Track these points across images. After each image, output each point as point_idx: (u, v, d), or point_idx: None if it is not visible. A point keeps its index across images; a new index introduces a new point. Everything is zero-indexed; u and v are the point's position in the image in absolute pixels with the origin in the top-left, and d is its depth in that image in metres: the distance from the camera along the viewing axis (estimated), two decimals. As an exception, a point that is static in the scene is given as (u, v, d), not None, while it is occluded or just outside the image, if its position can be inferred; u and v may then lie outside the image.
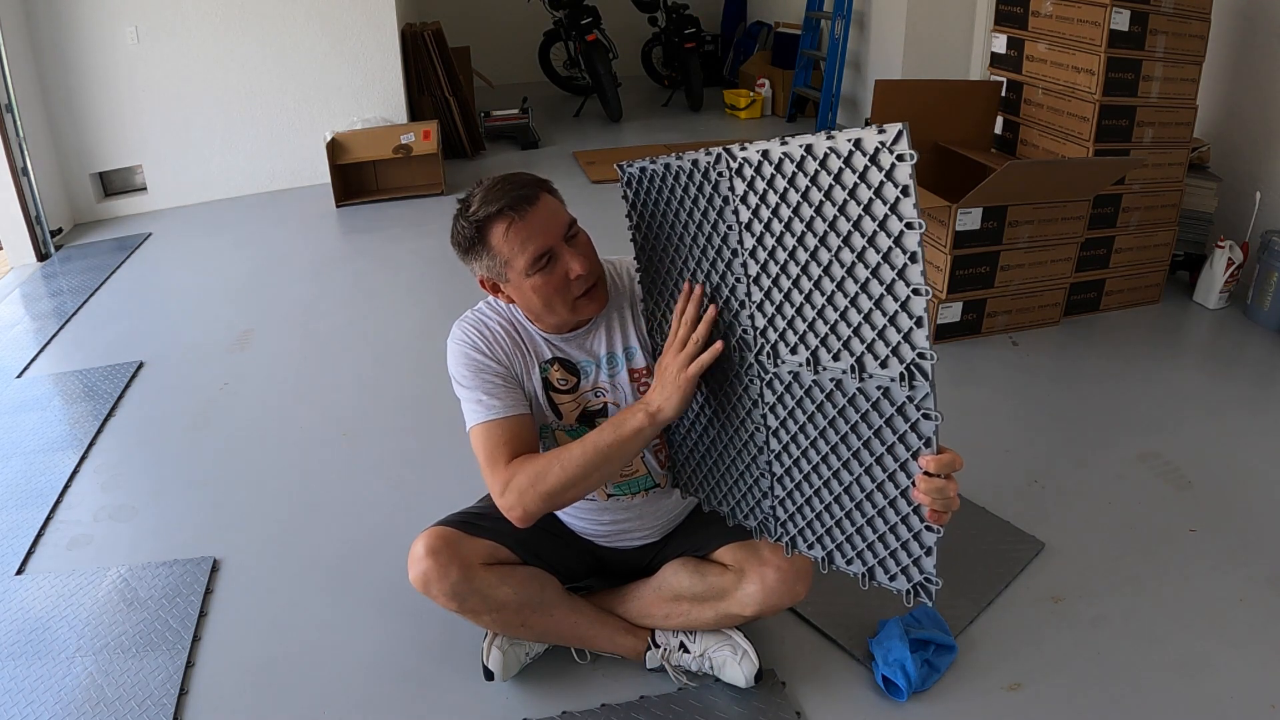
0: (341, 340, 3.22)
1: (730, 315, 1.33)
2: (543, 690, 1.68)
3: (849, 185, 1.10)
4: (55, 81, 4.42)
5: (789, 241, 1.20)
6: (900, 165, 1.04)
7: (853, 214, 1.10)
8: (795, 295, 1.22)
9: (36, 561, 2.12)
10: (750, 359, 1.32)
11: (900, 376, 1.12)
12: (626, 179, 1.45)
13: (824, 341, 1.20)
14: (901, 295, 1.09)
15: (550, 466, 1.39)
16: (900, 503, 1.19)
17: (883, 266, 1.09)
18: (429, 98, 5.17)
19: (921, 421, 1.13)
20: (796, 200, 1.17)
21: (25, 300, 3.75)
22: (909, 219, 1.05)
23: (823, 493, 1.29)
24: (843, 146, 1.09)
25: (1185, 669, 1.68)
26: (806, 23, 5.79)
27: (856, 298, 1.14)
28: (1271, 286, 2.96)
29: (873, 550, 1.26)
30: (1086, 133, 2.95)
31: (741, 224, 1.25)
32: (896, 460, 1.17)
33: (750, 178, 1.22)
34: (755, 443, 1.37)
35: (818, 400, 1.24)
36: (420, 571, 1.53)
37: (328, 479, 2.39)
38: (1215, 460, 2.31)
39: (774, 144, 1.17)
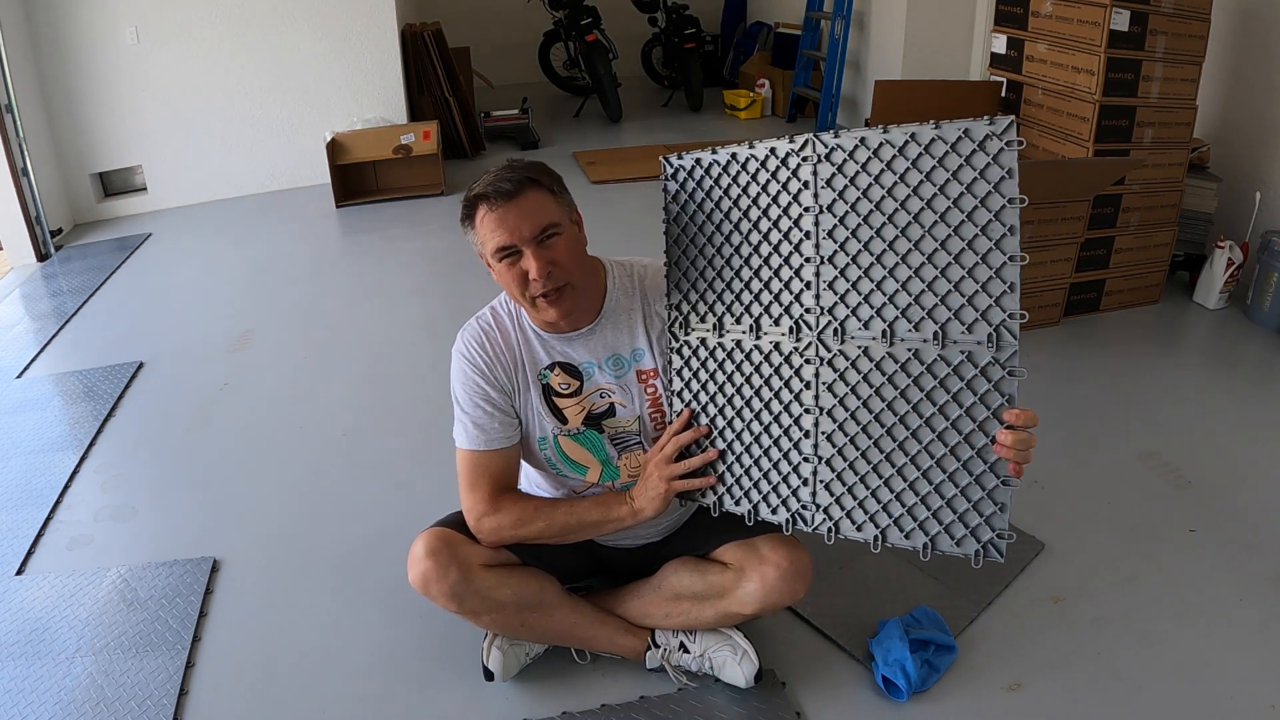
0: (341, 340, 3.22)
1: (790, 298, 1.38)
2: (543, 690, 1.68)
3: (952, 167, 1.21)
4: (55, 81, 4.42)
5: (876, 219, 1.28)
6: (1007, 151, 1.17)
7: (953, 193, 1.21)
8: (877, 270, 1.29)
9: (36, 561, 2.12)
10: (811, 338, 1.36)
11: (988, 338, 1.21)
12: (673, 171, 1.48)
13: (905, 312, 1.28)
14: (996, 263, 1.20)
15: (535, 518, 1.54)
16: (975, 462, 1.25)
17: (979, 238, 1.20)
18: (429, 98, 5.17)
19: (1005, 379, 1.22)
20: (892, 181, 1.26)
21: (25, 300, 3.75)
22: (1012, 195, 1.17)
23: (882, 467, 1.32)
24: (950, 134, 1.20)
25: (1185, 669, 1.68)
26: (806, 23, 5.79)
27: (948, 268, 1.23)
28: (1271, 287, 2.96)
29: (938, 517, 1.29)
30: (1086, 133, 2.95)
31: (823, 205, 1.32)
32: (974, 420, 1.24)
33: (841, 162, 1.30)
34: (801, 426, 1.38)
35: (889, 372, 1.30)
36: (420, 572, 1.53)
37: (328, 479, 2.39)
38: (1215, 460, 2.31)
39: (873, 132, 1.26)
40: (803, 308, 1.37)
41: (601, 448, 1.59)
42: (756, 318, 1.42)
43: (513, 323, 1.57)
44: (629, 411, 1.57)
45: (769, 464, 1.43)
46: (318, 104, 4.90)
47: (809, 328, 1.37)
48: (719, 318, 1.46)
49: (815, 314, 1.36)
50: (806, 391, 1.38)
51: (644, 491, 1.51)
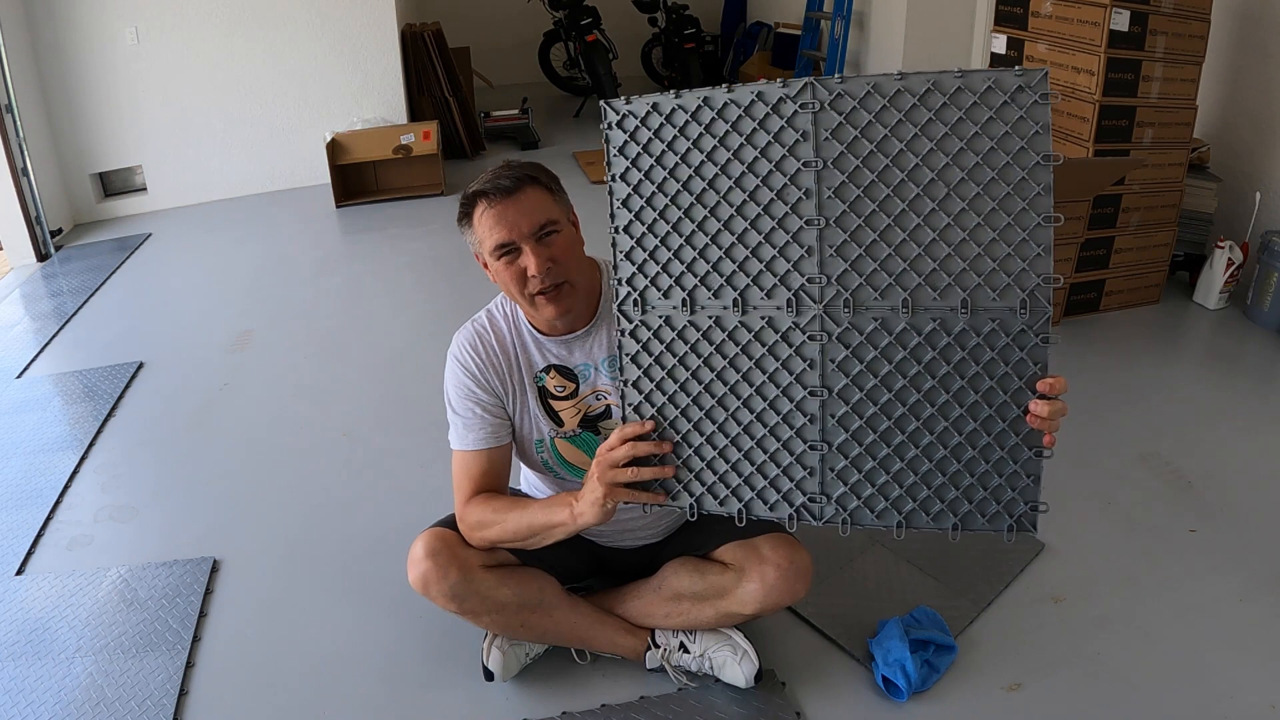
0: (341, 340, 3.22)
1: (786, 266, 1.22)
2: (543, 690, 1.68)
3: (980, 120, 1.12)
4: (55, 82, 4.42)
5: (892, 177, 1.16)
6: (1041, 105, 1.09)
7: (981, 148, 1.12)
8: (894, 234, 1.17)
9: (36, 561, 2.12)
10: (816, 311, 1.22)
11: (1021, 304, 1.15)
12: (620, 117, 1.26)
13: (927, 279, 1.17)
14: (1029, 224, 1.13)
15: (493, 522, 1.51)
16: (1007, 436, 1.20)
17: (1011, 198, 1.13)
18: (429, 98, 5.17)
19: (1038, 346, 1.16)
20: (910, 134, 1.14)
21: (25, 300, 3.75)
22: (1046, 152, 1.10)
23: (904, 448, 1.23)
24: (978, 83, 1.11)
25: (1185, 669, 1.68)
26: (806, 23, 5.79)
27: (976, 230, 1.14)
28: (1271, 287, 2.96)
29: (968, 496, 1.23)
30: (1086, 133, 2.95)
31: (827, 160, 1.18)
32: (1006, 392, 1.18)
33: (848, 110, 1.16)
34: (804, 411, 1.26)
35: (910, 345, 1.20)
36: (420, 573, 1.53)
37: (328, 479, 2.39)
38: (1215, 460, 2.31)
39: (886, 78, 1.14)
40: (803, 277, 1.22)
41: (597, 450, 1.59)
42: (741, 290, 1.25)
43: (509, 325, 1.58)
44: None
45: (763, 455, 1.29)
46: (318, 104, 4.90)
47: (812, 299, 1.22)
48: (689, 292, 1.27)
49: (820, 284, 1.21)
50: (810, 372, 1.24)
51: (585, 495, 1.40)
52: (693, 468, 1.32)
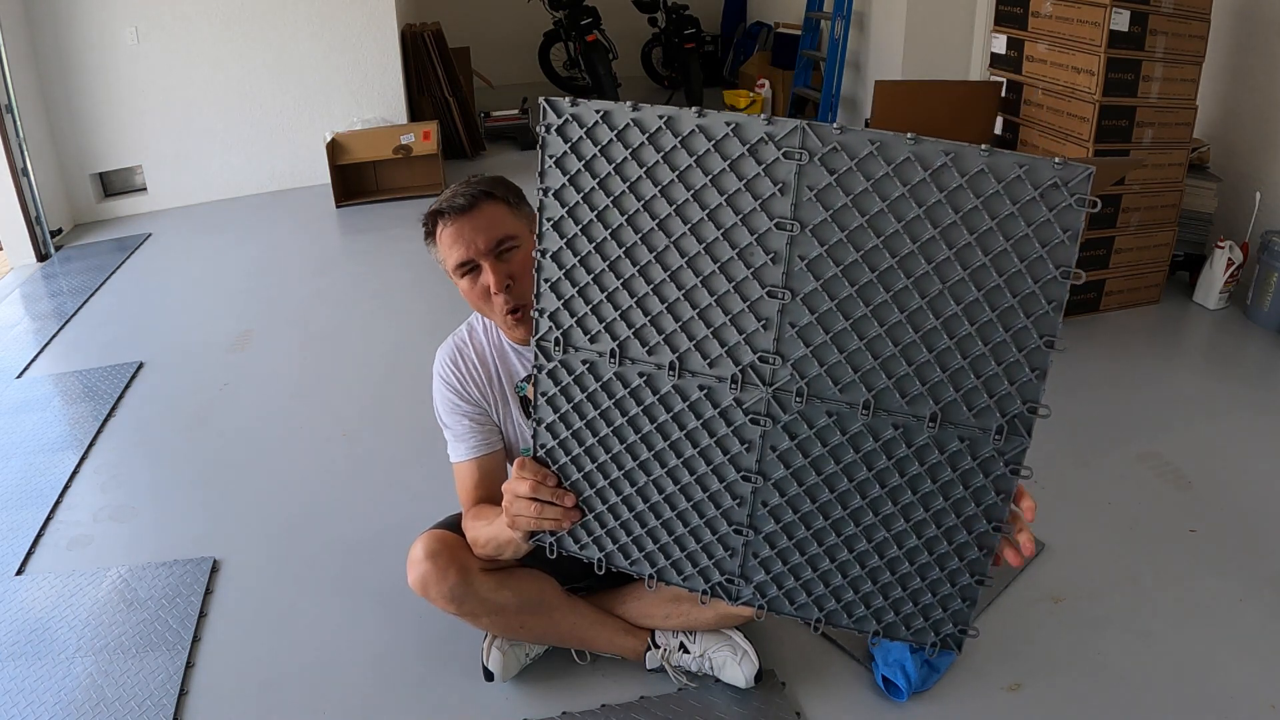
0: (341, 340, 3.22)
1: (736, 337, 1.05)
2: (543, 691, 1.68)
3: (999, 214, 0.93)
4: (55, 82, 4.42)
5: (880, 261, 0.98)
6: (1074, 209, 0.91)
7: (991, 247, 0.94)
8: (869, 325, 1.00)
9: (36, 562, 2.12)
10: (763, 394, 1.07)
11: (998, 429, 1.00)
12: (560, 123, 1.04)
13: (898, 382, 1.02)
14: (1027, 345, 0.96)
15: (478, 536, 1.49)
16: (950, 558, 1.08)
17: (1013, 311, 0.96)
18: (429, 98, 5.17)
19: (1005, 477, 1.02)
20: (911, 214, 0.95)
21: (25, 300, 3.75)
22: (1066, 267, 0.93)
23: (837, 551, 1.12)
24: (1005, 169, 0.92)
25: (1185, 669, 1.68)
26: (806, 23, 5.79)
27: (964, 340, 0.98)
28: (1271, 287, 2.96)
29: (896, 608, 1.13)
30: (1086, 133, 2.95)
31: (806, 224, 0.99)
32: (958, 516, 1.05)
33: (842, 170, 0.96)
34: (734, 493, 1.13)
35: (864, 449, 1.06)
36: (419, 575, 1.53)
37: (328, 479, 2.39)
38: (1215, 460, 2.31)
39: (898, 138, 0.94)
40: (754, 352, 1.05)
41: None
42: (681, 353, 1.08)
43: (488, 337, 1.60)
44: None
45: (682, 528, 1.17)
46: (318, 104, 4.90)
47: (760, 379, 1.06)
48: (619, 342, 1.09)
49: (773, 364, 1.05)
50: (746, 454, 1.10)
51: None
52: (605, 523, 1.20)
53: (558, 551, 1.25)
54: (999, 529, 1.05)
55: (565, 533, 1.22)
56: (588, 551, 1.23)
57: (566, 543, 1.24)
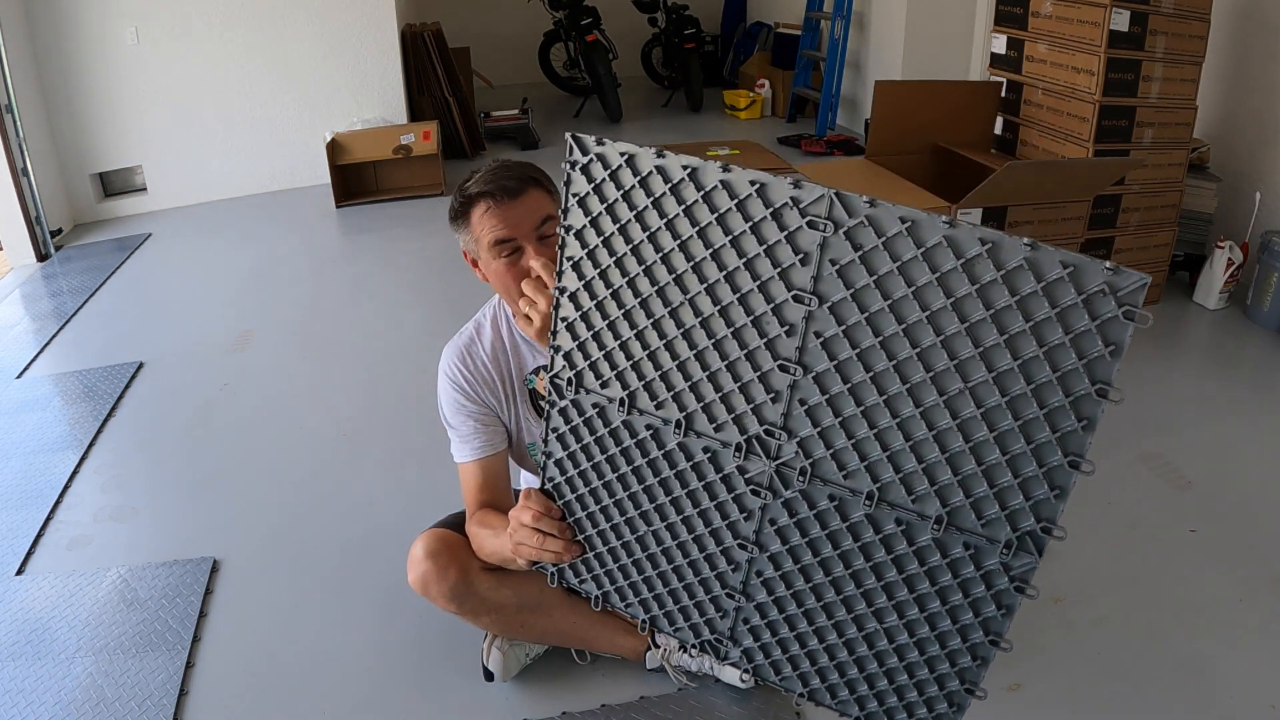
0: (341, 340, 3.22)
1: (745, 405, 1.01)
2: (543, 691, 1.68)
3: (1035, 317, 0.84)
4: (55, 82, 4.42)
5: (900, 348, 0.91)
6: (1119, 321, 0.82)
7: (1022, 350, 0.86)
8: (882, 415, 0.94)
9: (36, 562, 2.12)
10: (765, 467, 1.03)
11: (1007, 544, 0.94)
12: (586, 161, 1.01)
13: (906, 478, 0.96)
14: (1049, 461, 0.89)
15: (484, 545, 1.48)
16: (940, 662, 1.04)
17: (1038, 423, 0.88)
18: (429, 98, 5.17)
19: (1009, 593, 0.96)
20: (939, 304, 0.88)
21: (25, 300, 3.75)
22: (1103, 383, 0.84)
23: (826, 632, 1.08)
24: (1047, 267, 0.83)
25: (1185, 669, 1.68)
26: (806, 23, 5.80)
27: (981, 446, 0.91)
28: (1271, 287, 2.96)
29: (879, 698, 1.10)
30: (1086, 133, 2.95)
31: (825, 299, 0.92)
32: (955, 623, 1.00)
33: (867, 248, 0.89)
34: (730, 558, 1.10)
35: (863, 539, 1.01)
36: (419, 574, 1.53)
37: (327, 479, 2.39)
38: (1215, 460, 2.31)
39: (931, 219, 0.86)
40: (760, 424, 1.01)
41: None
42: (688, 412, 1.04)
43: (497, 330, 1.57)
44: None
45: (677, 583, 1.15)
46: (318, 104, 4.90)
47: (765, 452, 1.02)
48: (630, 392, 1.07)
49: (779, 438, 1.00)
50: (744, 523, 1.07)
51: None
52: (604, 563, 1.19)
53: (558, 581, 1.25)
54: (996, 642, 0.99)
55: (566, 565, 1.22)
56: (586, 587, 1.23)
57: (567, 575, 1.24)
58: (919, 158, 3.26)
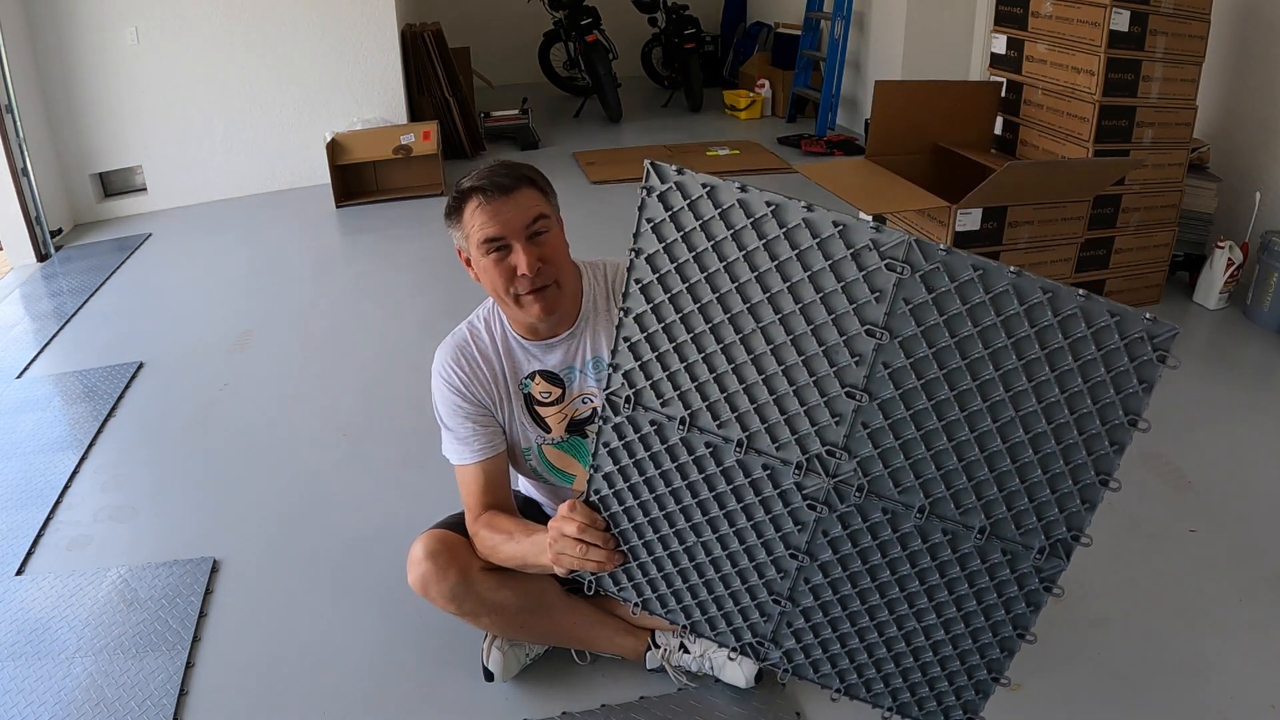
0: (341, 340, 3.22)
1: (807, 427, 1.08)
2: (543, 691, 1.68)
3: (1082, 356, 0.97)
4: (55, 82, 4.42)
5: (961, 381, 1.00)
6: (1152, 363, 0.96)
7: (1069, 385, 0.98)
8: (938, 438, 1.04)
9: (36, 562, 2.12)
10: (824, 484, 1.10)
11: (1040, 549, 1.07)
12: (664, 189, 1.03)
13: (955, 494, 1.06)
14: (1083, 479, 1.03)
15: (498, 549, 1.49)
16: (972, 655, 1.15)
17: (1077, 448, 1.02)
18: (429, 98, 5.17)
19: (1037, 591, 1.09)
20: (1000, 343, 0.98)
21: (25, 300, 3.75)
22: (1135, 415, 0.99)
23: (867, 633, 1.18)
24: (1096, 315, 0.95)
25: (1185, 669, 1.68)
26: (806, 23, 5.80)
27: (1025, 466, 1.03)
28: (1271, 287, 2.96)
29: (914, 691, 1.20)
30: (1086, 133, 2.95)
31: (896, 334, 1.00)
32: (989, 619, 1.12)
33: (940, 290, 0.97)
34: (779, 566, 1.17)
35: (911, 548, 1.11)
36: (419, 574, 1.53)
37: (327, 479, 2.39)
38: (1215, 460, 2.31)
39: (1000, 269, 0.96)
40: (823, 445, 1.08)
41: (587, 454, 1.59)
42: (751, 433, 1.10)
43: (491, 334, 1.56)
44: None
45: (723, 590, 1.21)
46: (318, 104, 4.90)
47: (824, 470, 1.09)
48: (691, 411, 1.11)
49: (839, 457, 1.08)
50: (797, 534, 1.14)
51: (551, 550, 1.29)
52: (647, 572, 1.23)
53: (596, 589, 1.27)
54: (1024, 636, 1.11)
55: (606, 574, 1.25)
56: (626, 594, 1.26)
57: (606, 583, 1.26)
58: (919, 158, 3.26)
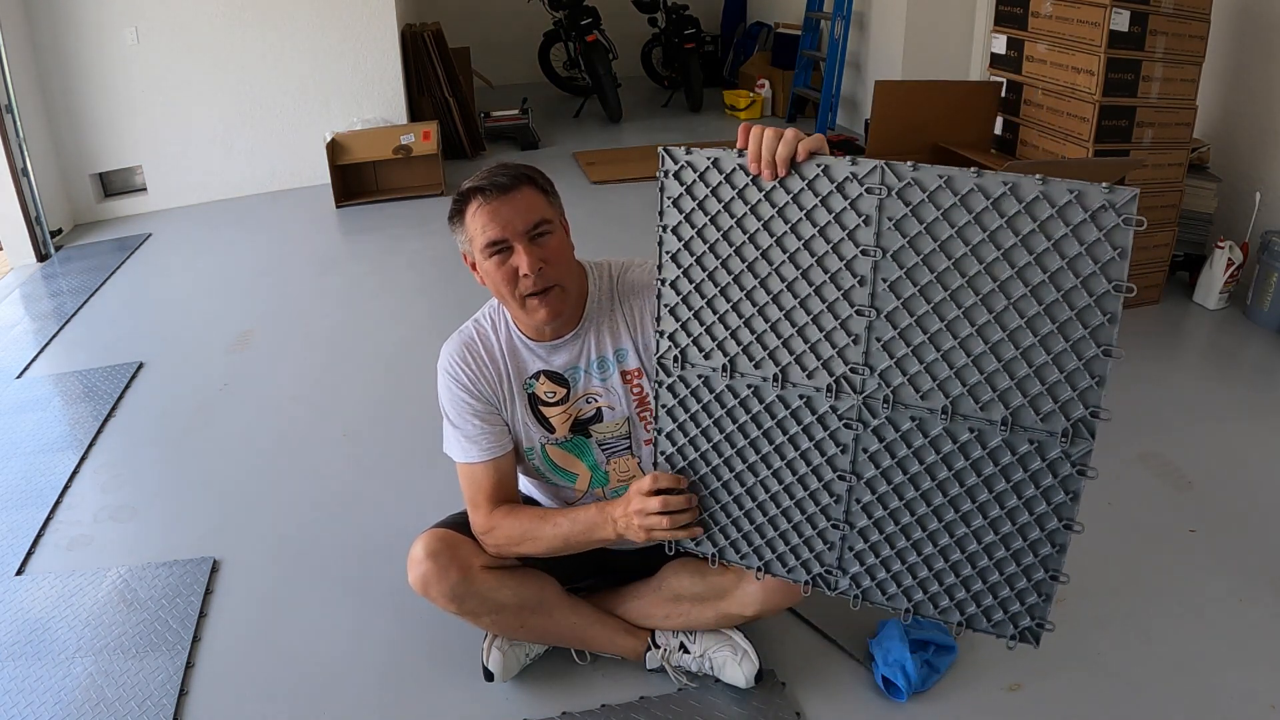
0: (341, 340, 3.22)
1: (830, 351, 1.20)
2: (543, 691, 1.68)
3: (1055, 236, 1.05)
4: (55, 82, 4.42)
5: (952, 279, 1.11)
6: (1123, 229, 1.02)
7: (1050, 265, 1.06)
8: (944, 338, 1.14)
9: (36, 562, 2.12)
10: (854, 401, 1.21)
11: (1064, 433, 1.11)
12: (678, 168, 1.22)
13: (971, 390, 1.14)
14: (1087, 354, 1.08)
15: (524, 538, 1.52)
16: (1025, 554, 1.18)
17: (1073, 323, 1.07)
18: (429, 98, 5.17)
19: (1073, 477, 1.12)
20: (978, 238, 1.09)
21: (25, 301, 3.75)
22: (1118, 281, 1.04)
23: (923, 545, 1.24)
24: (1058, 195, 1.03)
25: (1185, 669, 1.68)
26: (806, 23, 5.79)
27: (1029, 350, 1.10)
28: (1271, 287, 2.96)
29: (977, 600, 1.24)
30: (1086, 133, 2.95)
31: (887, 251, 1.13)
32: (1032, 513, 1.16)
33: (916, 203, 1.11)
34: (831, 491, 1.26)
35: (944, 451, 1.18)
36: (419, 574, 1.53)
37: (327, 479, 2.39)
38: (1215, 460, 2.31)
39: (963, 174, 1.08)
40: (846, 364, 1.20)
41: (590, 454, 1.59)
42: (783, 366, 1.24)
43: (496, 333, 1.56)
44: (617, 414, 1.56)
45: (786, 524, 1.32)
46: (318, 104, 4.90)
47: (852, 388, 1.20)
48: (730, 358, 1.27)
49: (862, 374, 1.19)
50: (841, 456, 1.24)
51: (624, 524, 1.41)
52: (718, 521, 1.36)
53: (675, 549, 1.41)
54: (1069, 526, 1.14)
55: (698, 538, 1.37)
56: (703, 548, 1.39)
57: (685, 542, 1.39)
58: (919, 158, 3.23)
